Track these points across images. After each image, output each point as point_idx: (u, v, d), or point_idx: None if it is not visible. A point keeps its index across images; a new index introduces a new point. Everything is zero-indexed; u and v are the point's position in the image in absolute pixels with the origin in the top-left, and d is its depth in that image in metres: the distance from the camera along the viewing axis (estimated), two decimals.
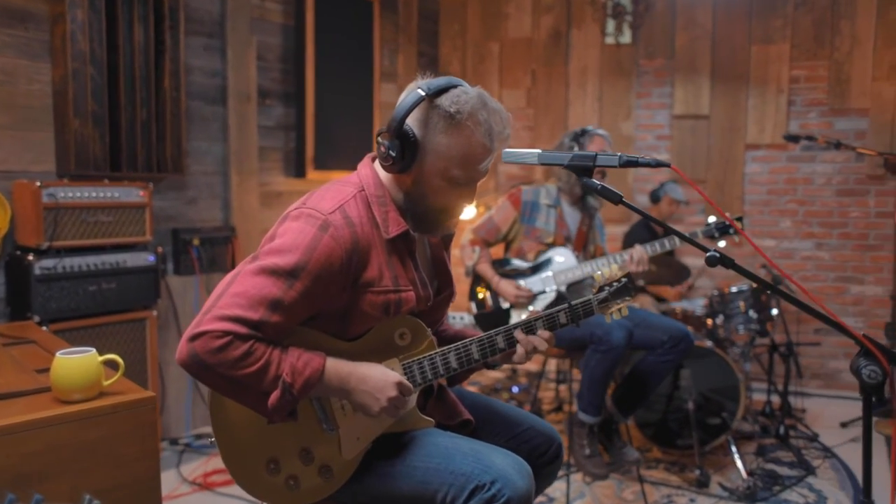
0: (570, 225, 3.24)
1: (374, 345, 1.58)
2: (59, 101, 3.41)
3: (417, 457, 1.55)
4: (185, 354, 1.37)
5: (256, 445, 1.52)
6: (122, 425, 1.58)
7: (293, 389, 1.41)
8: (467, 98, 1.51)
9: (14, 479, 1.44)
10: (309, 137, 4.46)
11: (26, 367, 1.83)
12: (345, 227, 1.49)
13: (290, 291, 1.42)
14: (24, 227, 3.23)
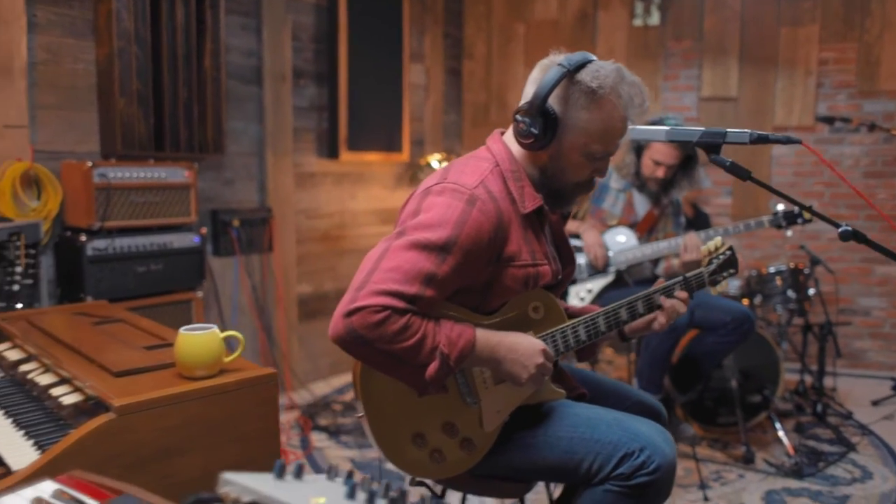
0: (639, 210, 3.25)
1: (509, 318, 1.60)
2: (104, 80, 3.38)
3: (560, 427, 1.58)
4: (343, 330, 1.38)
5: (403, 420, 1.54)
6: (246, 402, 1.58)
7: (450, 360, 1.43)
8: (607, 72, 1.53)
9: (155, 453, 1.44)
10: (342, 118, 4.44)
11: (134, 344, 1.83)
12: (489, 202, 1.50)
13: (442, 266, 1.43)
14: (74, 208, 3.20)
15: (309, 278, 4.47)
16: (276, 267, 4.16)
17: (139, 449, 1.43)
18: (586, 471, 1.53)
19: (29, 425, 1.56)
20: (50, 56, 3.24)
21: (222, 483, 0.77)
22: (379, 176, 4.91)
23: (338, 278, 4.67)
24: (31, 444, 1.47)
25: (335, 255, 4.64)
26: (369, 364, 1.49)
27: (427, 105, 5.24)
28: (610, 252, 3.15)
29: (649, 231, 3.28)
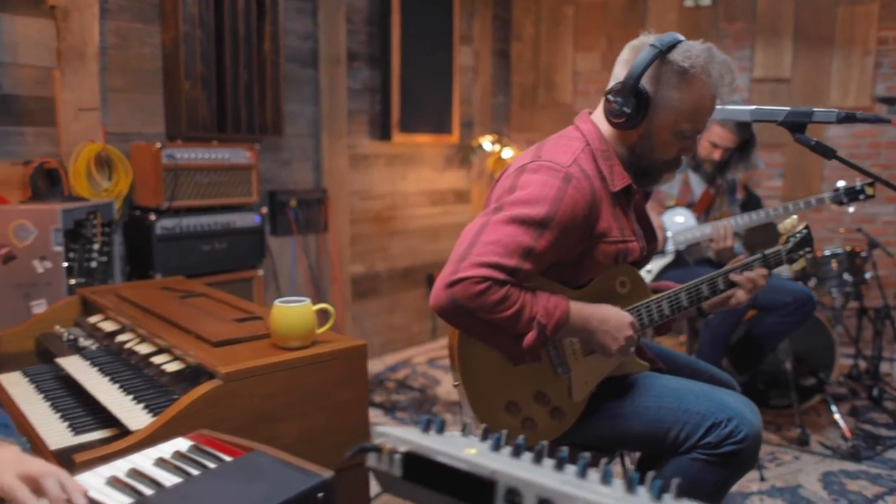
0: (695, 191, 3.26)
1: (597, 292, 1.65)
2: (170, 63, 3.46)
3: (647, 397, 1.63)
4: (445, 300, 1.44)
5: (497, 389, 1.60)
6: (338, 372, 1.65)
7: (546, 330, 1.49)
8: (698, 52, 1.56)
9: (256, 419, 1.52)
10: (395, 100, 4.49)
11: (223, 316, 1.91)
12: (584, 180, 1.54)
13: (540, 240, 1.48)
14: (143, 188, 3.30)
15: (361, 258, 4.54)
16: (331, 247, 4.24)
17: (242, 414, 1.50)
18: (673, 440, 1.58)
19: (135, 390, 1.65)
20: (120, 41, 3.33)
21: (377, 435, 0.83)
22: (429, 157, 4.96)
23: (389, 259, 4.75)
24: (142, 407, 1.56)
25: (386, 236, 4.71)
26: (468, 333, 1.55)
27: (476, 87, 5.27)
28: (668, 232, 3.17)
29: (706, 211, 3.30)
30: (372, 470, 0.82)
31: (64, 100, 3.12)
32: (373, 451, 0.80)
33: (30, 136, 3.07)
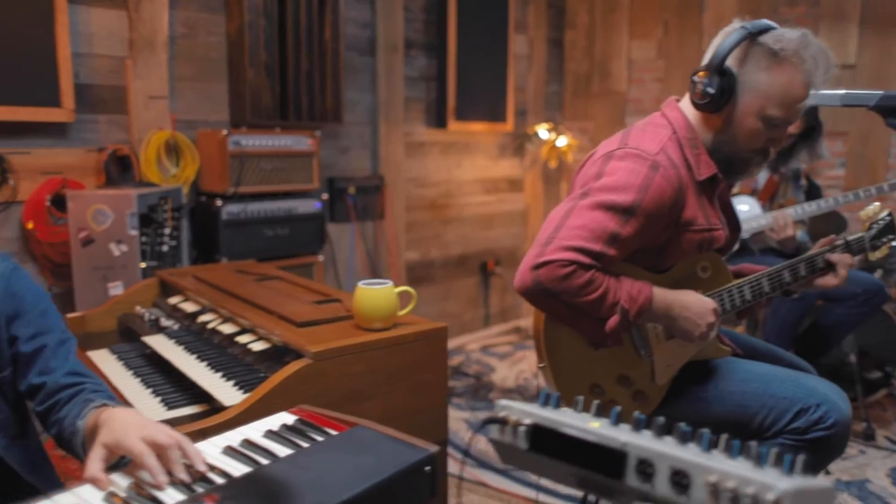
0: (759, 178, 3.22)
1: (679, 277, 1.65)
2: (235, 52, 3.53)
3: (731, 382, 1.63)
4: (530, 282, 1.47)
5: (582, 372, 1.62)
6: (420, 353, 1.69)
7: (630, 315, 1.50)
8: (791, 36, 1.54)
9: (343, 397, 1.55)
10: (451, 88, 4.51)
11: (302, 298, 1.96)
12: (671, 168, 1.54)
13: (626, 227, 1.49)
14: (209, 174, 3.38)
15: (416, 245, 4.58)
16: (388, 234, 4.29)
17: (330, 392, 1.54)
18: (759, 424, 1.57)
19: (222, 368, 1.70)
20: (187, 30, 3.40)
21: (500, 408, 0.85)
22: (483, 146, 4.97)
23: (443, 246, 4.78)
24: (231, 384, 1.61)
25: (441, 224, 4.74)
26: (552, 315, 1.57)
27: (530, 75, 5.25)
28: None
29: (771, 198, 3.25)
30: (494, 442, 0.84)
31: (135, 88, 3.20)
32: (499, 424, 0.82)
33: (103, 124, 3.16)
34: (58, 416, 1.28)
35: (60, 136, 3.03)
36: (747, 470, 0.68)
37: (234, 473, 0.99)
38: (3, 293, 1.31)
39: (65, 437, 1.24)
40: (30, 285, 1.37)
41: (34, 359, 1.32)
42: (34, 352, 1.32)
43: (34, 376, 1.31)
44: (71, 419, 1.24)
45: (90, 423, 1.19)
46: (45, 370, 1.31)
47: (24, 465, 1.32)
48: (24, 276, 1.37)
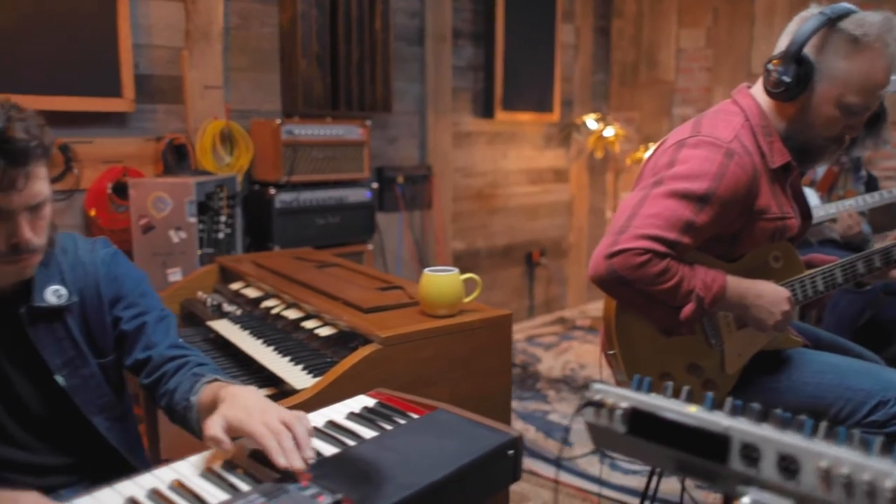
0: (818, 168, 3.16)
1: (751, 266, 1.64)
2: (287, 42, 3.56)
3: (805, 373, 1.61)
4: (604, 270, 1.47)
5: (652, 359, 1.62)
6: (485, 340, 1.70)
7: (705, 303, 1.49)
8: (874, 20, 1.50)
9: (411, 382, 1.57)
10: (498, 78, 4.50)
11: (364, 285, 1.98)
12: (745, 156, 1.53)
13: (700, 215, 1.48)
14: (262, 163, 3.42)
15: (462, 235, 4.59)
16: (436, 223, 4.30)
17: (398, 377, 1.56)
18: (834, 416, 1.55)
19: (289, 353, 1.73)
20: (241, 21, 3.45)
21: (595, 391, 0.85)
22: (530, 136, 4.95)
23: (489, 236, 4.78)
24: (300, 368, 1.63)
25: (487, 214, 4.74)
26: (625, 303, 1.56)
27: (576, 65, 5.21)
28: None
29: (830, 189, 3.18)
30: (590, 425, 0.85)
31: (191, 78, 3.25)
32: (596, 407, 0.83)
33: (161, 114, 3.22)
34: (166, 387, 1.31)
35: (121, 125, 3.09)
36: (859, 457, 0.68)
37: (323, 453, 1.00)
38: (106, 278, 1.35)
39: (177, 410, 1.26)
40: (129, 269, 1.41)
41: (137, 335, 1.36)
42: (137, 329, 1.36)
43: (139, 351, 1.35)
44: (182, 393, 1.26)
45: (206, 399, 1.19)
46: (149, 345, 1.35)
47: (124, 445, 1.37)
48: (124, 260, 1.41)
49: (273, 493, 0.87)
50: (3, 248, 1.14)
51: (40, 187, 1.15)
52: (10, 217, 1.12)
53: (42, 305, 1.28)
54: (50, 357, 1.29)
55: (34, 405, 1.29)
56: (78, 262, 1.35)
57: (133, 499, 0.89)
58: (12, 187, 1.10)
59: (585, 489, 2.73)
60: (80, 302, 1.33)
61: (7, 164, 1.09)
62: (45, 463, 1.31)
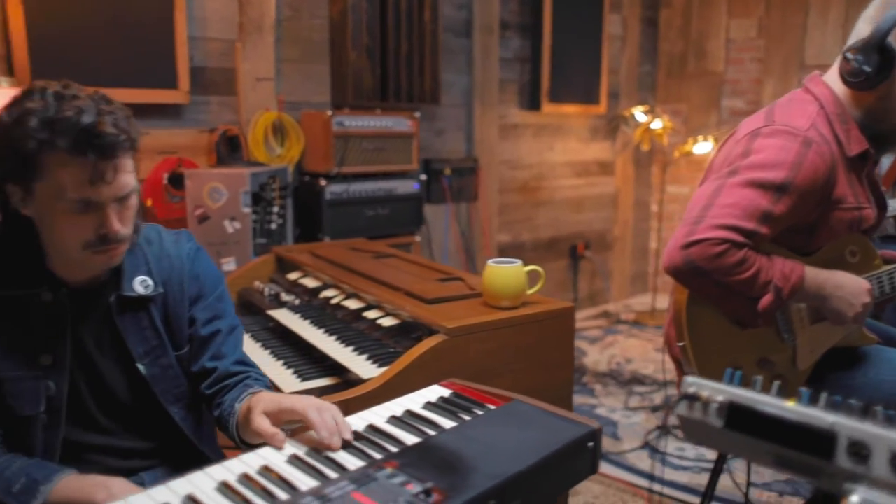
0: (883, 161, 3.09)
1: (827, 260, 1.61)
2: (337, 34, 3.58)
3: (884, 370, 1.58)
4: (680, 261, 1.45)
5: (722, 352, 1.60)
6: (548, 332, 1.69)
7: (783, 294, 1.48)
8: None
9: (476, 373, 1.57)
10: (545, 70, 4.47)
11: (424, 276, 1.98)
12: (823, 144, 1.50)
13: (778, 205, 1.46)
14: (313, 154, 3.45)
15: (508, 228, 4.58)
16: (482, 215, 4.30)
17: (464, 368, 1.56)
18: None
19: (352, 342, 1.74)
20: (292, 13, 3.47)
21: (689, 384, 0.84)
22: (576, 128, 4.91)
23: (534, 229, 4.76)
24: (364, 358, 1.64)
25: (532, 206, 4.72)
26: (702, 294, 1.54)
27: (623, 56, 5.15)
28: None
29: (895, 183, 3.10)
30: (683, 419, 0.84)
31: (244, 70, 3.29)
32: (690, 400, 0.82)
33: (214, 105, 3.26)
34: (222, 399, 1.34)
35: (176, 117, 3.14)
36: None
37: (405, 442, 1.01)
38: (189, 275, 1.37)
39: (224, 417, 1.30)
40: (210, 268, 1.42)
41: (208, 343, 1.37)
42: (209, 336, 1.37)
43: (207, 360, 1.37)
44: (230, 402, 1.30)
45: (244, 407, 1.24)
46: (217, 355, 1.37)
47: (197, 434, 1.39)
48: (205, 257, 1.43)
49: (362, 480, 0.88)
50: (91, 238, 1.16)
51: (128, 179, 1.17)
52: (99, 208, 1.14)
53: (130, 295, 1.30)
54: (134, 345, 1.31)
55: (119, 392, 1.32)
56: (164, 254, 1.37)
57: (226, 482, 0.90)
58: (102, 180, 1.12)
59: (635, 483, 2.72)
60: (164, 293, 1.35)
61: (97, 157, 1.11)
62: (128, 447, 1.34)
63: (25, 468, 1.16)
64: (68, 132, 1.09)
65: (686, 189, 5.38)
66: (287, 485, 0.90)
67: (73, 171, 1.11)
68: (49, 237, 1.19)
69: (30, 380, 1.22)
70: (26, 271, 1.23)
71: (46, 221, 1.17)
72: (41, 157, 1.10)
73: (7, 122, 1.12)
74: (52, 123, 1.09)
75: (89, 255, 1.18)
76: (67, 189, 1.11)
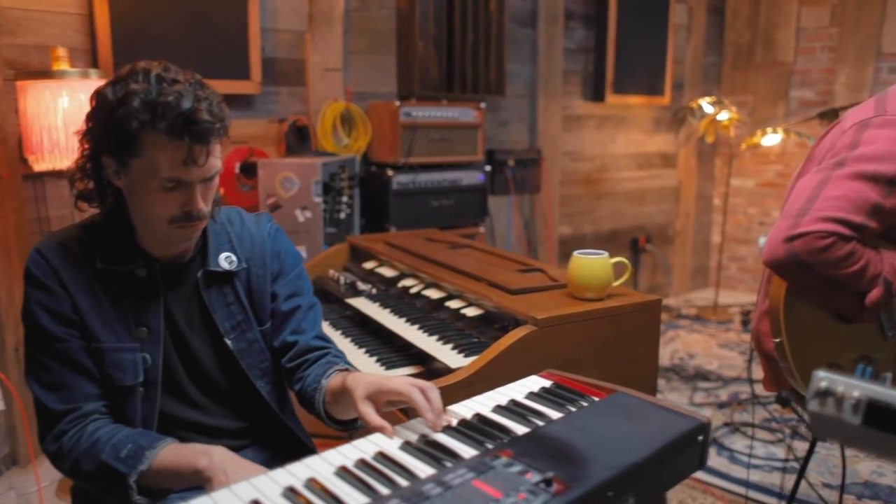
0: None
1: None
2: (404, 25, 3.58)
3: None
4: (783, 254, 1.42)
5: (821, 349, 1.57)
6: (634, 324, 1.67)
7: (893, 287, 1.44)
8: None
9: (563, 364, 1.55)
10: (609, 60, 4.41)
11: (505, 267, 1.98)
12: None
13: (889, 198, 1.42)
14: (379, 145, 3.47)
15: (569, 220, 4.54)
16: (545, 207, 4.27)
17: (552, 360, 1.55)
18: None
19: (436, 332, 1.75)
20: (360, 4, 3.49)
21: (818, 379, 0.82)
22: (638, 120, 4.84)
23: (595, 221, 4.71)
24: (450, 347, 1.65)
25: (594, 199, 4.67)
26: (805, 288, 1.51)
27: (688, 46, 5.06)
28: None
29: None
30: (815, 415, 0.82)
31: (313, 61, 3.32)
32: (825, 396, 0.80)
33: (283, 96, 3.31)
34: (303, 373, 1.37)
35: (247, 107, 3.19)
36: None
37: (515, 431, 1.01)
38: (270, 252, 1.41)
39: (307, 392, 1.33)
40: (290, 246, 1.46)
41: (289, 317, 1.40)
42: (289, 311, 1.40)
43: (288, 334, 1.40)
44: (315, 377, 1.32)
45: (335, 383, 1.27)
46: (298, 330, 1.40)
47: (283, 409, 1.42)
48: (284, 236, 1.46)
49: (479, 468, 0.88)
50: (176, 214, 1.20)
51: (216, 162, 1.21)
52: (187, 187, 1.18)
53: (216, 270, 1.34)
54: (221, 320, 1.34)
55: (209, 367, 1.35)
56: (245, 233, 1.41)
57: (343, 466, 0.91)
58: (194, 163, 1.16)
59: (706, 482, 2.68)
60: (248, 269, 1.38)
61: (192, 141, 1.14)
62: (220, 426, 1.37)
63: (131, 436, 1.20)
64: (168, 115, 1.13)
65: (751, 182, 5.27)
66: (405, 471, 0.90)
67: (168, 152, 1.14)
68: (137, 210, 1.23)
69: (128, 351, 1.26)
70: (121, 247, 1.27)
71: (137, 195, 1.21)
72: (141, 136, 1.14)
73: (112, 101, 1.16)
74: (154, 106, 1.13)
75: (172, 230, 1.22)
76: (161, 168, 1.15)
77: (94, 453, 1.18)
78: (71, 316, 1.22)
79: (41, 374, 1.23)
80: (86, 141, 1.24)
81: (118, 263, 1.27)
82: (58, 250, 1.24)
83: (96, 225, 1.30)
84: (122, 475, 1.15)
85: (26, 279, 1.24)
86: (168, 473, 1.16)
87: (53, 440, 1.21)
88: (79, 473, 1.21)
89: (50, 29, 2.69)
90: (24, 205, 2.72)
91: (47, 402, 1.22)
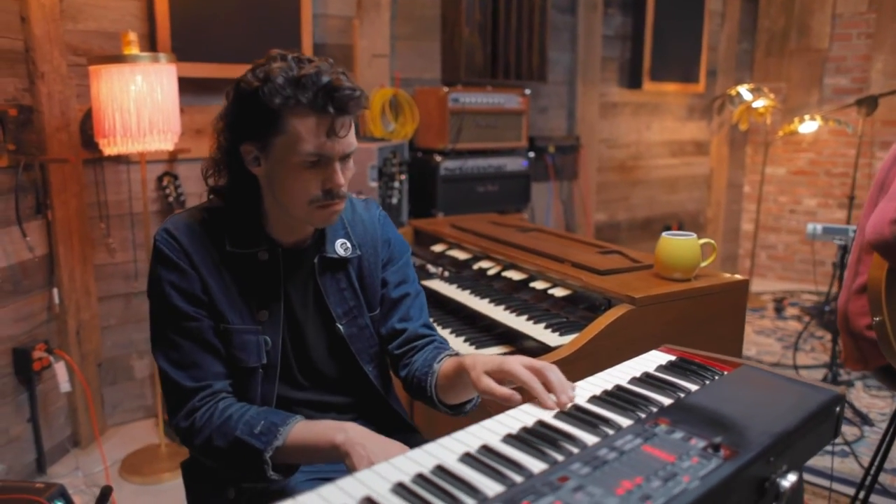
0: None
1: None
2: (450, 11, 3.60)
3: None
4: (890, 234, 1.45)
5: None
6: (721, 305, 1.70)
7: None
8: None
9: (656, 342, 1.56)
10: (647, 48, 4.42)
11: (583, 248, 2.00)
12: None
13: None
14: (427, 131, 3.49)
15: (605, 207, 4.56)
16: (584, 194, 4.29)
17: (646, 338, 1.57)
18: None
19: (523, 312, 1.77)
20: None
21: None
22: (673, 107, 4.85)
23: (630, 208, 4.73)
24: (542, 327, 1.68)
25: (629, 186, 4.69)
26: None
27: (722, 33, 5.05)
28: None
29: None
30: None
31: (361, 46, 3.34)
32: None
33: None
34: (410, 359, 1.39)
35: None
36: None
37: (661, 401, 1.04)
38: (381, 239, 1.42)
39: (416, 377, 1.35)
40: (397, 234, 1.48)
41: (397, 305, 1.42)
42: (398, 298, 1.42)
43: (396, 321, 1.42)
44: (424, 362, 1.35)
45: (447, 368, 1.28)
46: (406, 317, 1.42)
47: (388, 393, 1.45)
48: (392, 224, 1.48)
49: (644, 434, 0.91)
50: (317, 193, 1.21)
51: (353, 139, 1.22)
52: (328, 163, 1.19)
53: (332, 256, 1.36)
54: (333, 305, 1.36)
55: (320, 351, 1.38)
56: (357, 219, 1.43)
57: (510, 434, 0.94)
58: (336, 134, 1.17)
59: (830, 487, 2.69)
60: (360, 256, 1.40)
61: (335, 111, 1.15)
62: (326, 401, 1.40)
63: (262, 413, 1.22)
64: (310, 88, 1.14)
65: (782, 170, 5.27)
66: (569, 438, 0.93)
67: (311, 124, 1.15)
68: (278, 193, 1.24)
69: (252, 333, 1.29)
70: (248, 232, 1.29)
71: (278, 177, 1.22)
72: (284, 111, 1.16)
73: (254, 83, 1.17)
74: (297, 81, 1.15)
75: (313, 211, 1.22)
76: (304, 142, 1.16)
77: (228, 430, 1.20)
78: (201, 296, 1.25)
79: (171, 353, 1.25)
80: (223, 134, 1.25)
81: (244, 247, 1.29)
82: (187, 231, 1.27)
83: (219, 209, 1.32)
84: (257, 451, 1.17)
85: (156, 259, 1.26)
86: (303, 449, 1.18)
87: (186, 416, 1.24)
88: (210, 449, 1.22)
89: (111, 14, 2.72)
90: (85, 189, 2.75)
91: (179, 380, 1.24)
